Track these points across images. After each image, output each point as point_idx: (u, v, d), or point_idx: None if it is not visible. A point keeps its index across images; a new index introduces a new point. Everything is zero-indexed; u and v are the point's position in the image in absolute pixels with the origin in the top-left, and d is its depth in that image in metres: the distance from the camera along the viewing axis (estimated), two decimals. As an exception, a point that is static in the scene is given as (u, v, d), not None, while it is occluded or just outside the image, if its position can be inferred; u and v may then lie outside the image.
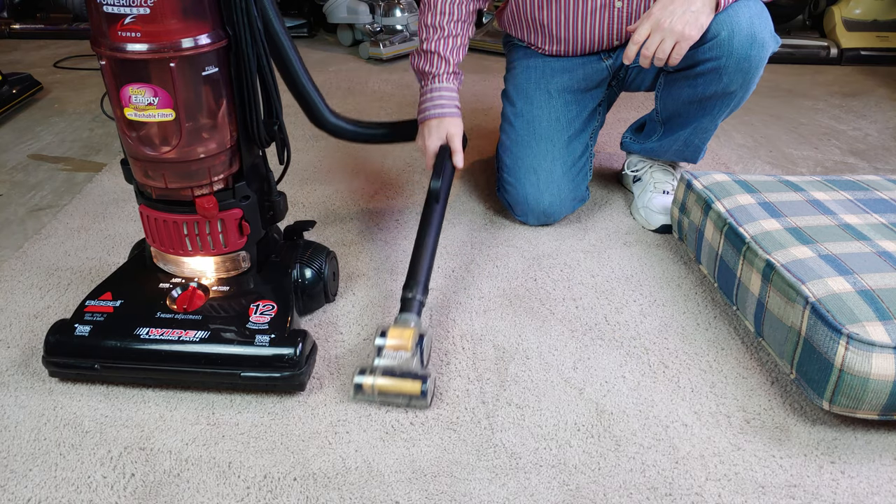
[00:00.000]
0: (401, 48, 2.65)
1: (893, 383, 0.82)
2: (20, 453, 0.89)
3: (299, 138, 1.87)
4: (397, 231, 1.40)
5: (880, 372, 0.82)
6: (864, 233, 1.03)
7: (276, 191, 1.08)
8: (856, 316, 0.85)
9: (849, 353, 0.83)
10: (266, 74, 0.94)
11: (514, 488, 0.83)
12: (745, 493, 0.83)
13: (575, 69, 1.40)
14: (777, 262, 0.97)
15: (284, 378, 0.93)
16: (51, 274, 1.26)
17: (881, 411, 0.86)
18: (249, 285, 1.04)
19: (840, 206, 1.11)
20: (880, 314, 0.86)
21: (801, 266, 0.95)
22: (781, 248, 0.99)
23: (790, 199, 1.13)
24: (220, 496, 0.82)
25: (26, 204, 1.54)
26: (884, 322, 0.85)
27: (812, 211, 1.09)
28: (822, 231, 1.03)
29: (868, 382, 0.83)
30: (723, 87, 1.21)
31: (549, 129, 1.37)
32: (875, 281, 0.91)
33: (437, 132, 1.28)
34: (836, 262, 0.95)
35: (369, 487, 0.84)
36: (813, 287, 0.90)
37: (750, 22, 1.16)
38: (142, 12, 0.81)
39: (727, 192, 1.17)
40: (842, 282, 0.91)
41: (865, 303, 0.87)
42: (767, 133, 1.94)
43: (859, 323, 0.84)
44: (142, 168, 0.96)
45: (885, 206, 1.11)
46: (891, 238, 1.01)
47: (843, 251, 0.98)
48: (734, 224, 1.08)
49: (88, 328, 0.96)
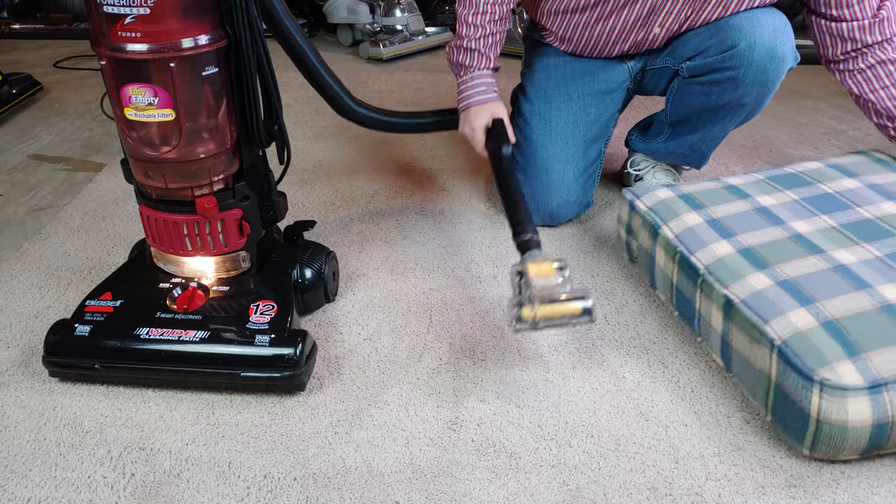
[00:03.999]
0: (401, 48, 2.65)
1: (871, 427, 0.79)
2: (20, 453, 0.89)
3: (299, 138, 1.87)
4: (397, 231, 1.40)
5: (857, 417, 0.78)
6: (816, 243, 0.99)
7: (276, 191, 1.08)
8: (825, 357, 0.82)
9: (824, 401, 0.79)
10: (266, 74, 0.94)
11: (514, 488, 0.83)
12: (744, 493, 0.83)
13: (596, 72, 1.38)
14: (736, 299, 0.93)
15: (284, 378, 0.93)
16: (51, 274, 1.26)
17: (862, 452, 0.83)
18: (249, 285, 1.04)
19: (788, 210, 1.07)
20: (848, 350, 0.82)
21: (762, 300, 0.91)
22: (738, 279, 0.95)
23: (737, 211, 1.09)
24: (220, 496, 0.82)
25: (26, 204, 1.54)
26: (853, 359, 0.81)
27: (761, 223, 1.05)
28: (774, 248, 0.99)
29: (847, 431, 0.79)
30: (738, 98, 1.21)
31: (567, 131, 1.35)
32: (837, 307, 0.87)
33: (483, 115, 1.28)
34: (795, 288, 0.91)
35: (369, 487, 0.84)
36: (776, 326, 0.87)
37: (773, 35, 1.15)
38: (142, 12, 0.81)
39: (673, 212, 1.12)
40: (804, 315, 0.87)
41: (832, 338, 0.83)
42: (767, 133, 1.94)
43: (829, 365, 0.81)
44: (142, 168, 0.96)
45: (832, 204, 1.08)
46: (843, 245, 0.98)
47: (800, 272, 0.94)
48: (686, 253, 1.04)
49: (88, 328, 0.96)
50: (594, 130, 1.38)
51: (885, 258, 0.95)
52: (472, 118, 1.29)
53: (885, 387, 0.79)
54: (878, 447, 0.82)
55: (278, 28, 1.05)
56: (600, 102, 1.38)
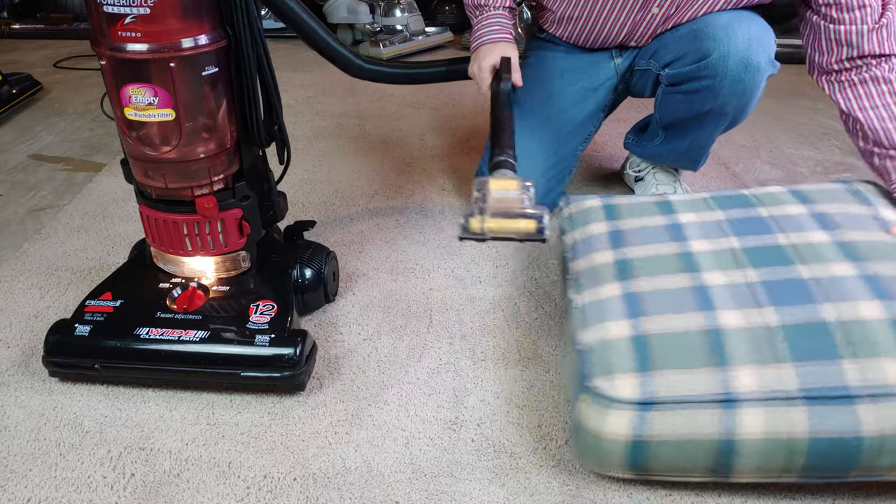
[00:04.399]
0: (401, 48, 2.65)
1: (628, 443, 0.76)
2: (20, 453, 0.89)
3: (299, 138, 1.87)
4: (397, 231, 1.40)
5: (612, 430, 0.76)
6: (698, 262, 0.94)
7: (276, 191, 1.08)
8: (611, 367, 0.80)
9: (588, 409, 0.78)
10: (266, 74, 0.94)
11: (514, 488, 0.83)
12: (745, 492, 0.82)
13: (585, 68, 1.37)
14: (576, 304, 0.92)
15: (284, 378, 0.93)
16: (51, 274, 1.26)
17: (632, 471, 0.79)
18: (249, 285, 1.04)
19: (701, 229, 1.01)
20: (641, 364, 0.79)
21: (597, 307, 0.89)
22: (593, 287, 0.94)
23: (649, 225, 1.05)
24: (220, 496, 0.82)
25: (26, 204, 1.54)
26: (641, 374, 0.78)
27: (662, 238, 1.01)
28: (652, 263, 0.95)
29: (600, 442, 0.77)
30: (719, 107, 1.20)
31: (540, 124, 1.35)
32: (659, 324, 0.84)
33: (492, 55, 1.24)
34: (636, 301, 0.88)
35: (369, 487, 0.84)
36: (589, 333, 0.85)
37: (747, 45, 1.13)
38: (142, 12, 0.81)
39: (585, 221, 1.10)
40: (624, 326, 0.84)
41: (633, 351, 0.81)
42: (767, 133, 1.94)
43: (610, 376, 0.79)
44: (142, 168, 0.96)
45: (754, 227, 1.00)
46: (725, 267, 0.92)
47: (657, 287, 0.90)
48: (568, 258, 1.04)
49: (88, 328, 0.96)
50: (569, 128, 1.37)
51: (756, 285, 0.88)
52: (480, 57, 1.26)
53: (657, 406, 0.76)
54: (645, 469, 0.79)
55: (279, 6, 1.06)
56: (582, 99, 1.38)
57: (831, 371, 0.75)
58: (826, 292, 0.84)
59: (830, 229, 0.97)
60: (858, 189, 1.07)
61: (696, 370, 0.78)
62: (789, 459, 0.74)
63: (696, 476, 0.79)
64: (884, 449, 0.72)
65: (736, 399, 0.75)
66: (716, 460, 0.76)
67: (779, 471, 0.76)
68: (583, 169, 1.70)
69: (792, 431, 0.73)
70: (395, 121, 2.01)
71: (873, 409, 0.73)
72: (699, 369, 0.78)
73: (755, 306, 0.84)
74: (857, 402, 0.73)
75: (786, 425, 0.73)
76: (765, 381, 0.76)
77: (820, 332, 0.79)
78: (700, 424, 0.75)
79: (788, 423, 0.73)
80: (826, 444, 0.73)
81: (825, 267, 0.88)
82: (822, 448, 0.73)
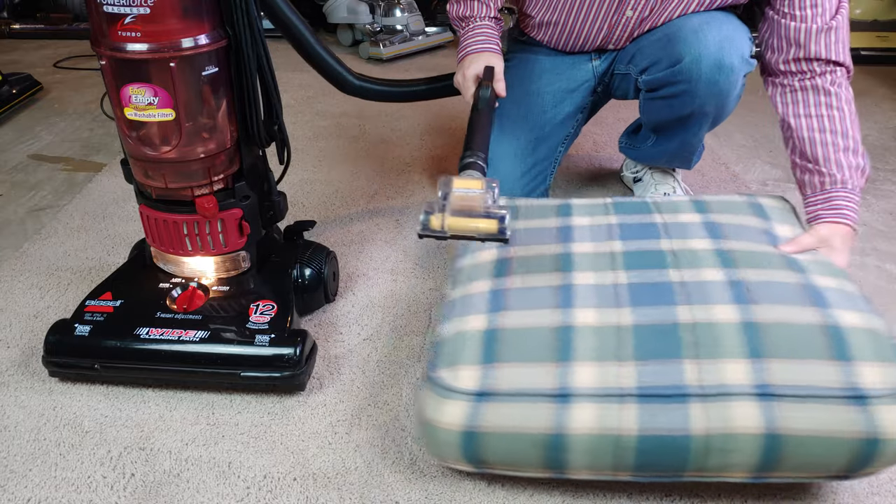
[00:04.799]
0: (401, 48, 2.65)
1: (461, 433, 0.76)
2: (20, 453, 0.89)
3: (299, 138, 1.87)
4: (397, 231, 1.40)
5: (448, 419, 0.76)
6: (574, 262, 0.94)
7: (277, 191, 1.08)
8: (458, 359, 0.80)
9: (429, 399, 0.78)
10: (266, 74, 0.94)
11: (514, 490, 0.83)
12: (745, 493, 0.82)
13: (563, 70, 1.39)
14: (448, 298, 0.93)
15: (284, 378, 0.93)
16: (51, 274, 1.26)
17: (471, 464, 0.79)
18: (249, 285, 1.04)
19: (590, 232, 1.02)
20: (486, 357, 0.80)
21: (465, 301, 0.90)
22: (466, 283, 0.94)
23: (542, 226, 1.05)
24: (220, 496, 0.82)
25: (26, 204, 1.54)
26: (484, 366, 0.79)
27: (549, 239, 1.01)
28: (531, 262, 0.96)
29: (437, 432, 0.77)
30: (698, 108, 1.20)
31: (516, 125, 1.36)
32: (516, 319, 0.84)
33: (476, 64, 1.23)
34: (501, 297, 0.89)
35: (369, 487, 0.84)
36: (448, 325, 0.86)
37: (719, 46, 1.13)
38: (142, 12, 0.81)
39: None
40: (481, 320, 0.85)
41: (482, 344, 0.81)
42: (767, 133, 1.94)
43: (454, 367, 0.79)
44: (142, 168, 0.96)
45: (643, 232, 1.00)
46: (599, 268, 0.93)
47: (525, 285, 0.91)
48: (457, 255, 1.04)
49: (88, 328, 0.96)
50: (546, 129, 1.37)
51: (622, 286, 0.89)
52: (465, 66, 1.25)
53: (492, 397, 0.76)
54: (481, 461, 0.79)
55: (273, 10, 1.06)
56: (559, 101, 1.38)
57: (671, 371, 0.76)
58: (688, 295, 0.85)
59: (715, 238, 0.97)
60: (760, 203, 1.08)
61: (538, 365, 0.79)
62: (619, 456, 0.75)
63: (532, 471, 0.80)
64: (710, 448, 0.73)
65: (571, 395, 0.76)
66: (547, 454, 0.76)
67: (611, 468, 0.77)
68: (582, 170, 1.70)
69: (622, 428, 0.74)
70: (395, 121, 2.01)
71: (703, 409, 0.73)
72: (541, 364, 0.79)
73: (614, 306, 0.85)
74: (689, 401, 0.74)
75: (616, 422, 0.74)
76: (603, 378, 0.76)
77: (670, 333, 0.80)
78: (532, 418, 0.75)
79: (619, 420, 0.74)
80: (655, 442, 0.73)
81: (697, 272, 0.89)
82: (650, 446, 0.73)
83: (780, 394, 0.73)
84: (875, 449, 0.71)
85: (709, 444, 0.73)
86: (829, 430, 0.72)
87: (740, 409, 0.72)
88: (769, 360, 0.75)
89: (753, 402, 0.73)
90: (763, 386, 0.73)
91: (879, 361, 0.75)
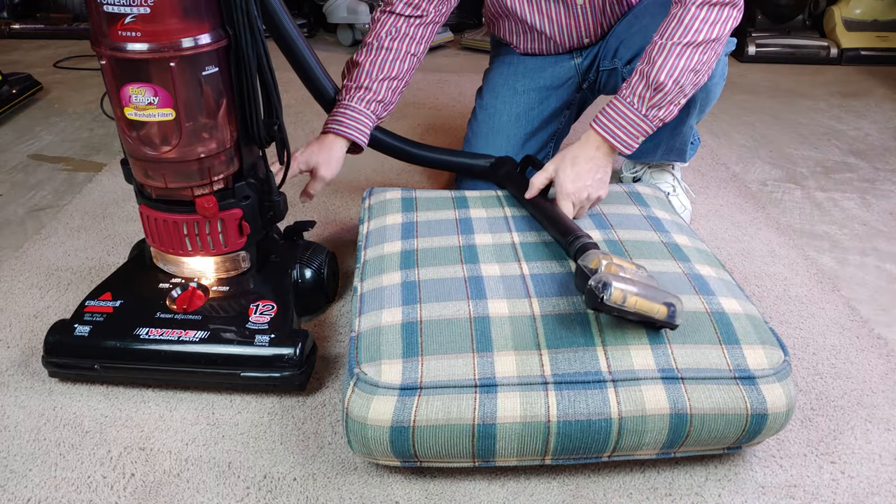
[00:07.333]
0: (401, 48, 2.64)
1: (390, 429, 0.76)
2: (20, 453, 0.89)
3: (299, 138, 1.87)
4: (397, 231, 1.40)
5: (376, 416, 0.76)
6: (479, 255, 0.98)
7: (277, 191, 1.08)
8: (380, 353, 0.81)
9: (354, 395, 0.78)
10: (266, 74, 0.94)
11: (514, 488, 0.83)
12: (744, 493, 0.83)
13: (545, 68, 1.42)
14: (358, 291, 0.94)
15: (284, 378, 0.93)
16: (51, 274, 1.26)
17: (401, 459, 0.80)
18: (249, 285, 1.04)
19: (489, 224, 1.07)
20: (409, 350, 0.81)
21: (376, 294, 0.91)
22: (377, 275, 0.96)
23: (442, 218, 1.09)
24: (220, 496, 0.82)
25: (26, 204, 1.54)
26: (406, 360, 0.79)
27: (450, 231, 1.05)
28: (437, 254, 0.98)
29: (366, 429, 0.77)
30: None
31: (509, 123, 1.38)
32: (432, 311, 0.86)
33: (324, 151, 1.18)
34: (414, 289, 0.90)
35: (369, 487, 0.84)
36: (364, 320, 0.87)
37: None
38: (142, 12, 0.81)
39: (383, 211, 1.13)
40: (397, 313, 0.86)
41: (401, 338, 0.82)
42: (767, 133, 1.94)
43: (377, 361, 0.80)
44: (142, 168, 0.96)
45: (536, 224, 1.06)
46: (505, 260, 0.96)
47: (436, 276, 0.93)
48: (361, 247, 1.06)
49: (88, 328, 0.96)
50: (535, 125, 1.40)
51: (528, 277, 0.93)
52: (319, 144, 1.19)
53: (419, 391, 0.77)
54: (411, 456, 0.79)
55: (275, 24, 1.06)
56: (545, 98, 1.41)
57: (584, 358, 0.80)
58: None
59: (604, 228, 1.06)
60: (638, 192, 1.20)
61: (460, 356, 0.80)
62: (544, 441, 0.77)
63: (461, 462, 0.81)
64: (625, 430, 0.77)
65: (495, 384, 0.78)
66: (477, 444, 0.78)
67: (538, 453, 0.79)
68: (583, 169, 1.70)
69: (545, 415, 0.77)
70: (396, 120, 2.01)
71: (617, 394, 0.78)
72: (462, 355, 0.80)
73: (525, 297, 0.89)
74: (605, 386, 0.78)
75: (540, 409, 0.77)
76: (523, 367, 0.79)
77: (577, 321, 0.85)
78: (459, 409, 0.77)
79: (543, 407, 0.77)
80: (576, 427, 0.77)
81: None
82: (573, 430, 0.77)
83: (683, 377, 0.79)
84: (764, 422, 0.79)
85: (624, 426, 0.77)
86: (726, 408, 0.78)
87: (649, 392, 0.78)
88: (669, 346, 0.82)
89: (660, 385, 0.78)
90: (668, 370, 0.80)
91: (761, 344, 0.83)
